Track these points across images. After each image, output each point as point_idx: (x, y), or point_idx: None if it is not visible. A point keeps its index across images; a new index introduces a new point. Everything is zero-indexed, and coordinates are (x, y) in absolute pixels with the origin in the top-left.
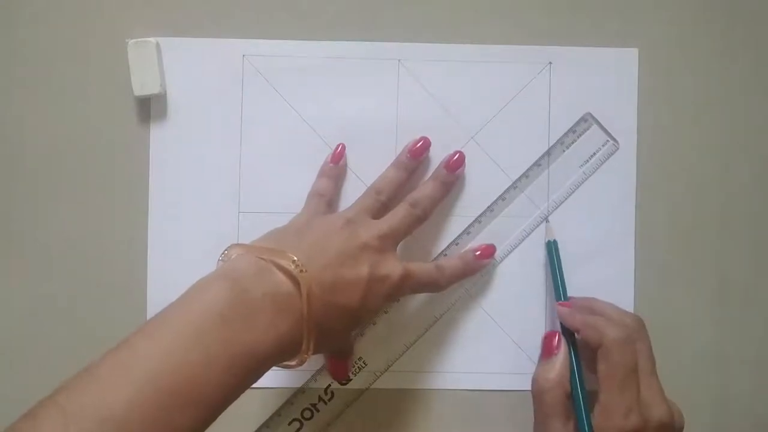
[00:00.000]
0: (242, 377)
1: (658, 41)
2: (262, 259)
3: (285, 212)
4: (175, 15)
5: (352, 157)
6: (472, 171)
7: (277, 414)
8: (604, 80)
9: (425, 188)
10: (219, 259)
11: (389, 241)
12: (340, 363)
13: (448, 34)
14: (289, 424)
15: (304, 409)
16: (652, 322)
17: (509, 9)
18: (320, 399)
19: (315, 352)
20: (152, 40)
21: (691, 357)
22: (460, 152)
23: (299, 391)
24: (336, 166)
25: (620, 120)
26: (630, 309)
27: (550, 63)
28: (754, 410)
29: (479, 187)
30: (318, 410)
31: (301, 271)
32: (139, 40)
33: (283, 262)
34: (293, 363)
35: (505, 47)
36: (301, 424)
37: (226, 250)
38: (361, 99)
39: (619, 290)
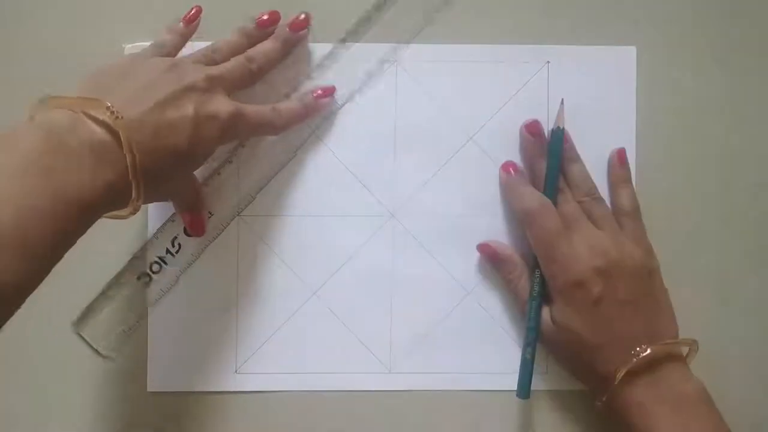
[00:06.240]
0: (70, 225)
1: (656, 39)
2: (74, 111)
3: (285, 215)
4: (172, 20)
5: (350, 158)
6: (471, 171)
7: (127, 270)
8: (602, 79)
9: (263, 45)
10: (30, 115)
11: (218, 83)
12: (195, 217)
13: (444, 35)
14: (138, 278)
15: (152, 263)
16: None
17: (506, 9)
18: (167, 251)
19: (149, 201)
20: (149, 45)
21: None
22: (307, 14)
23: (146, 246)
24: (186, 27)
25: (618, 118)
26: None
27: (548, 62)
28: (754, 410)
29: (478, 187)
30: (166, 263)
31: (117, 118)
32: (135, 44)
33: (97, 113)
34: (125, 213)
35: (503, 47)
36: (150, 278)
37: (37, 101)
38: (359, 100)
39: None
